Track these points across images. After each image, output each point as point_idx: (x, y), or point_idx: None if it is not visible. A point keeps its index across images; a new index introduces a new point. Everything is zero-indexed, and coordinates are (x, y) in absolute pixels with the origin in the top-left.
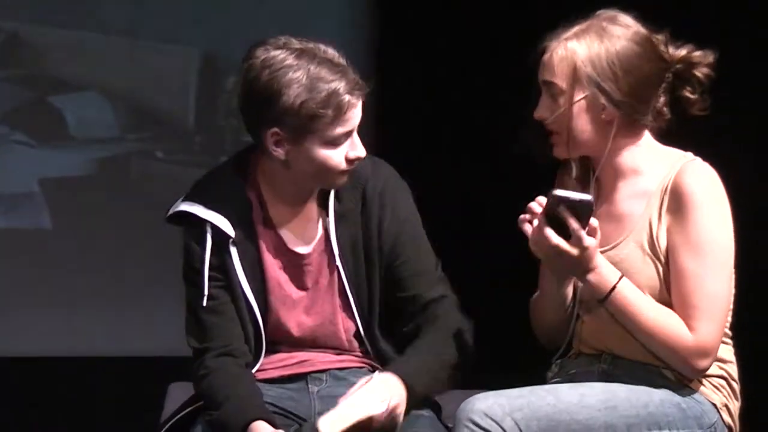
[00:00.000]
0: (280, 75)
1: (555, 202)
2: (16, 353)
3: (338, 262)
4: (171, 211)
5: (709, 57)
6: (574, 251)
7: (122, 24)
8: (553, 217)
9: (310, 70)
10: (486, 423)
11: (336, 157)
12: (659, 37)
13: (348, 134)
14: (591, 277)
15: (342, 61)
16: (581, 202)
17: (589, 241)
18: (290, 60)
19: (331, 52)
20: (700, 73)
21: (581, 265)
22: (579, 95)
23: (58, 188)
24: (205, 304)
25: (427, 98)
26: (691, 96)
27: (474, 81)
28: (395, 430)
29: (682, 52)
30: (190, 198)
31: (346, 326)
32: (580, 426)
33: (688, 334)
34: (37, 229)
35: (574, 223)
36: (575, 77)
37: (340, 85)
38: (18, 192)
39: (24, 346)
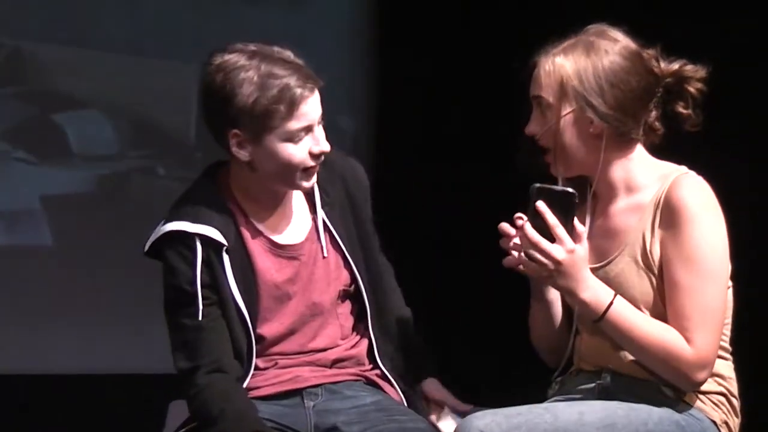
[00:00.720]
0: (232, 76)
1: (535, 195)
2: (15, 370)
3: (345, 251)
4: (154, 237)
5: (701, 72)
6: (559, 254)
7: (123, 41)
8: (535, 215)
9: (261, 69)
10: None
11: (298, 153)
12: (650, 52)
13: (308, 129)
14: (585, 296)
15: (296, 59)
16: (562, 192)
17: (569, 244)
18: (242, 61)
19: (286, 53)
20: (692, 88)
21: (570, 276)
22: (566, 109)
23: (59, 205)
24: (200, 318)
25: (427, 100)
26: (684, 111)
27: (475, 84)
28: None
29: (674, 66)
30: (172, 218)
31: (343, 315)
32: None
33: (687, 347)
34: (38, 246)
35: (551, 218)
36: (562, 91)
37: (291, 80)
38: (19, 209)
39: (24, 363)
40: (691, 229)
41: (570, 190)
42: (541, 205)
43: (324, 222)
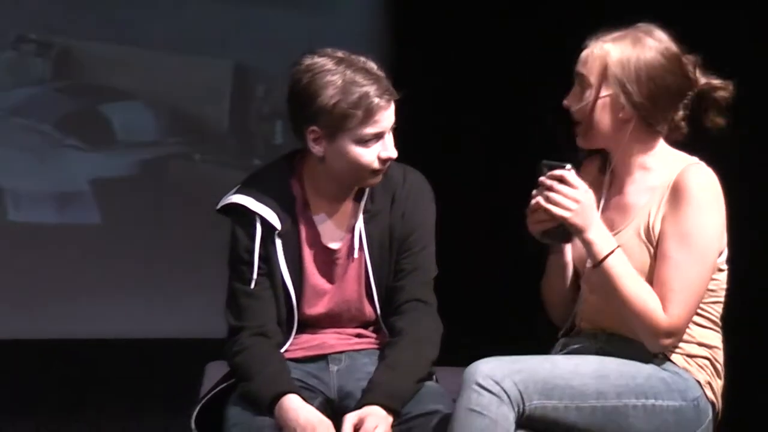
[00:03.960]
0: (318, 77)
1: (540, 169)
2: (66, 335)
3: (367, 258)
4: (223, 202)
5: (729, 86)
6: (577, 194)
7: (163, 39)
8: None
9: (346, 75)
10: (488, 384)
11: (367, 155)
12: (689, 58)
13: (379, 135)
14: (593, 236)
15: (378, 71)
16: (560, 167)
17: (583, 187)
18: (330, 65)
19: (370, 64)
20: (719, 96)
21: (585, 215)
22: (604, 92)
23: (106, 187)
24: (252, 286)
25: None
26: (713, 119)
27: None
28: None
29: (709, 79)
30: (241, 191)
31: (368, 311)
32: (573, 391)
33: (662, 314)
34: (87, 224)
35: (545, 181)
36: (604, 75)
37: (371, 90)
38: (70, 191)
39: (74, 330)
40: (689, 210)
41: (567, 165)
42: (544, 176)
43: (360, 228)
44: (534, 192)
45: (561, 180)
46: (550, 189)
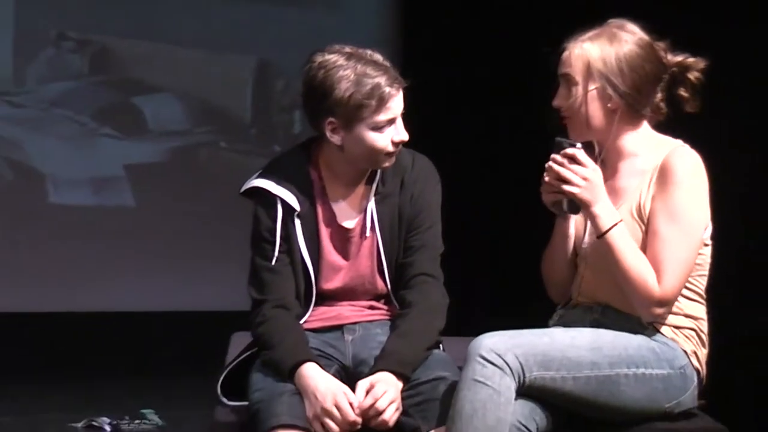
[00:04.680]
0: (332, 73)
1: (554, 145)
2: (102, 309)
3: (378, 236)
4: (246, 186)
5: (701, 63)
6: (585, 172)
7: (190, 37)
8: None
9: (357, 69)
10: (491, 357)
11: (382, 140)
12: (660, 44)
13: (391, 121)
14: (599, 210)
15: (385, 62)
16: (570, 145)
17: (591, 165)
18: (341, 61)
19: (377, 56)
20: (692, 76)
21: (592, 190)
22: (591, 86)
23: (139, 172)
24: (273, 263)
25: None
26: (685, 95)
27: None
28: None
29: (678, 58)
30: (263, 175)
31: (380, 285)
32: (570, 362)
33: (656, 285)
34: (121, 206)
35: (557, 158)
36: (588, 71)
37: (381, 80)
38: (106, 176)
39: (110, 304)
40: (677, 190)
41: (577, 143)
42: (555, 154)
43: (372, 209)
44: (547, 165)
45: (572, 158)
46: (562, 166)
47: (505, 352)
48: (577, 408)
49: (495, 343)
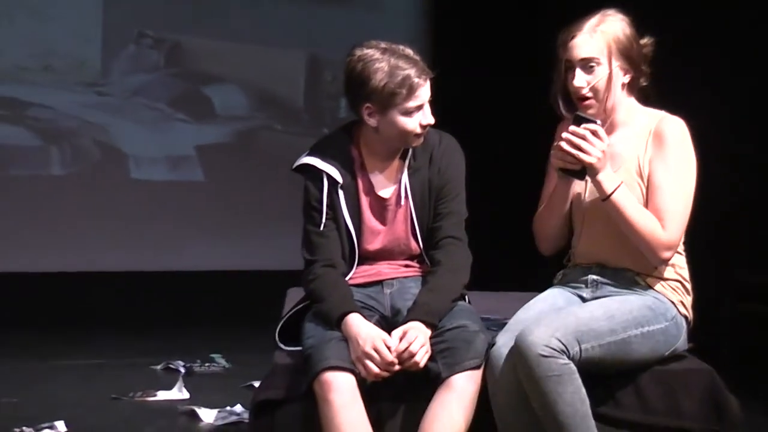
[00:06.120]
0: (369, 65)
1: (575, 119)
2: (175, 269)
3: (411, 204)
4: (297, 163)
5: (649, 43)
6: (601, 145)
7: (250, 34)
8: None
9: (391, 62)
10: (545, 351)
11: (411, 123)
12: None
13: (420, 107)
14: (603, 177)
15: (415, 56)
16: (587, 120)
17: (606, 139)
18: (377, 55)
19: (408, 50)
20: (650, 51)
21: (602, 161)
22: (613, 65)
23: (208, 152)
24: (322, 228)
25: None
26: (648, 69)
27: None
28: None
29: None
30: (311, 154)
31: (413, 246)
32: (594, 333)
33: (662, 231)
34: (193, 181)
35: (578, 130)
36: (610, 51)
37: (411, 72)
38: (180, 155)
39: (183, 264)
40: (674, 149)
41: (596, 120)
42: (574, 127)
43: (405, 180)
44: (563, 135)
45: (594, 133)
46: (583, 138)
47: (549, 340)
48: (599, 371)
49: (539, 336)
